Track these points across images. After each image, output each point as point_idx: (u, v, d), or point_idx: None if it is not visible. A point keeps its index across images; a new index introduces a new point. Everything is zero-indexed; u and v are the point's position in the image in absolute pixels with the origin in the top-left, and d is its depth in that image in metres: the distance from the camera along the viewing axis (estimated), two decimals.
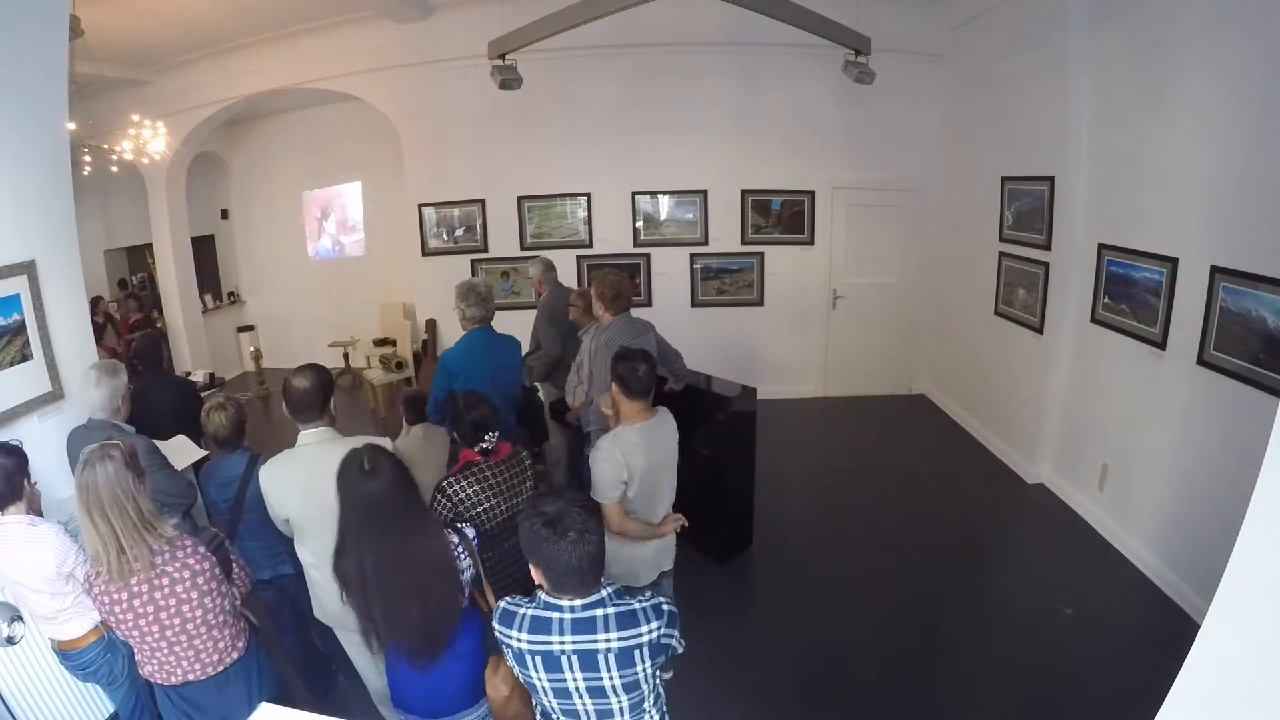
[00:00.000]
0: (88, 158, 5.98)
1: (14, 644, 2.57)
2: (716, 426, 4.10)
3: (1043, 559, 4.20)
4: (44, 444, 2.91)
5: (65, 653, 2.46)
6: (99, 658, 2.46)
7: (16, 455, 2.35)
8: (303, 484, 2.24)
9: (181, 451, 3.30)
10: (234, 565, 2.29)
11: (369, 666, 2.52)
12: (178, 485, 2.88)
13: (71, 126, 3.77)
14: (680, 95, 6.37)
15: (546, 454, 4.66)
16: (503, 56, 5.02)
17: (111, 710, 2.88)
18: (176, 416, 3.53)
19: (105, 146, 6.16)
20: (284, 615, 2.87)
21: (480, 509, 2.53)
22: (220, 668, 2.12)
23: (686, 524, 2.75)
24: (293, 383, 2.31)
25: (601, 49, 6.08)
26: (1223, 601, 1.32)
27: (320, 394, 2.33)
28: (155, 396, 3.61)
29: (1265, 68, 3.11)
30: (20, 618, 2.58)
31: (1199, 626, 1.37)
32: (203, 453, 3.41)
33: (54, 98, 3.10)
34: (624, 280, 3.77)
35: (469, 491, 2.52)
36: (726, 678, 3.26)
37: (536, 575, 1.63)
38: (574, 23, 4.55)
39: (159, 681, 2.11)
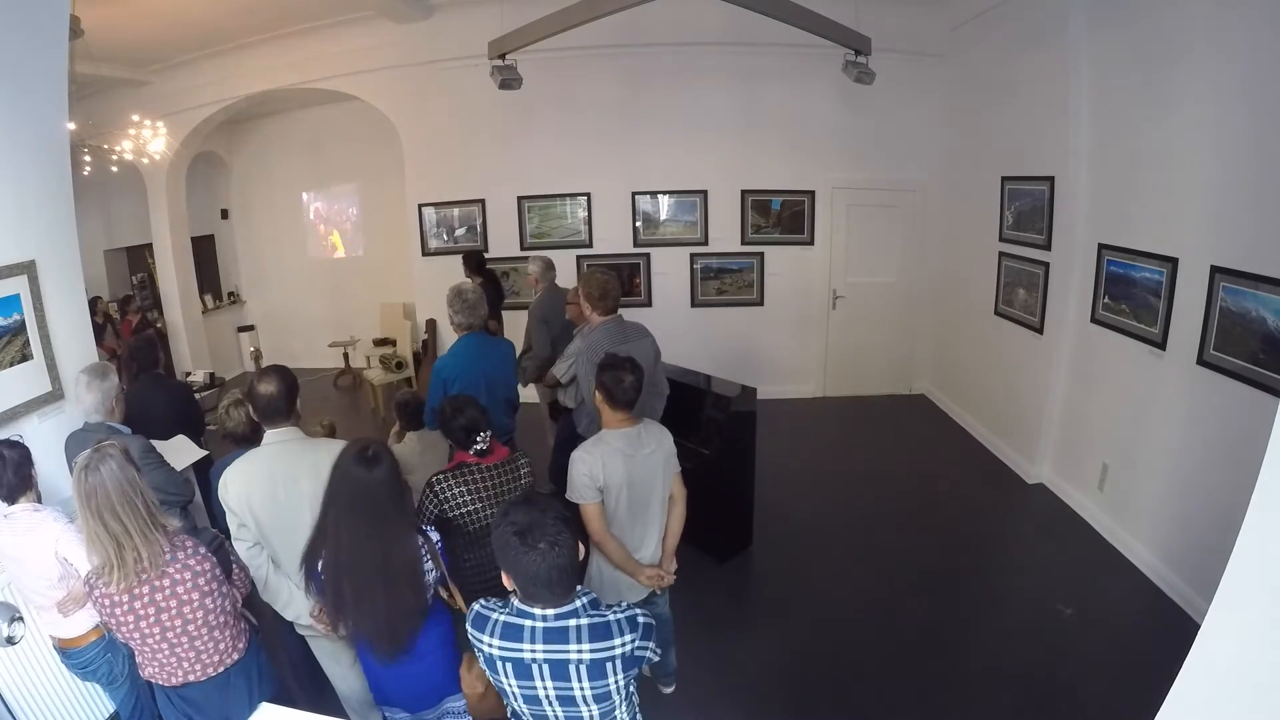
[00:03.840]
0: (88, 158, 5.98)
1: (14, 644, 2.57)
2: (716, 426, 4.10)
3: (1043, 559, 4.20)
4: (44, 444, 2.91)
5: (66, 651, 2.47)
6: (99, 657, 2.47)
7: (19, 448, 2.38)
8: (265, 480, 2.24)
9: (181, 451, 3.30)
10: (234, 566, 2.29)
11: (339, 673, 2.53)
12: (175, 482, 2.89)
13: (71, 126, 3.76)
14: (680, 95, 6.37)
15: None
16: (503, 56, 5.02)
17: (111, 710, 2.89)
18: (172, 418, 3.53)
19: (105, 146, 6.16)
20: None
21: (464, 510, 2.54)
22: (221, 668, 2.12)
23: (670, 582, 2.68)
24: (259, 388, 2.29)
25: (601, 49, 6.08)
26: (1223, 601, 1.32)
27: (286, 398, 2.31)
28: (150, 399, 3.60)
29: (1265, 68, 3.11)
30: (20, 618, 2.58)
31: (1199, 626, 1.37)
32: (203, 453, 3.42)
33: (54, 98, 3.10)
34: (611, 280, 3.60)
35: (456, 491, 2.54)
36: (726, 677, 3.26)
37: (508, 582, 1.61)
38: (574, 23, 4.55)
39: (160, 683, 2.11)
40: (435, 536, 2.18)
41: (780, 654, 3.42)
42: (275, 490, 2.23)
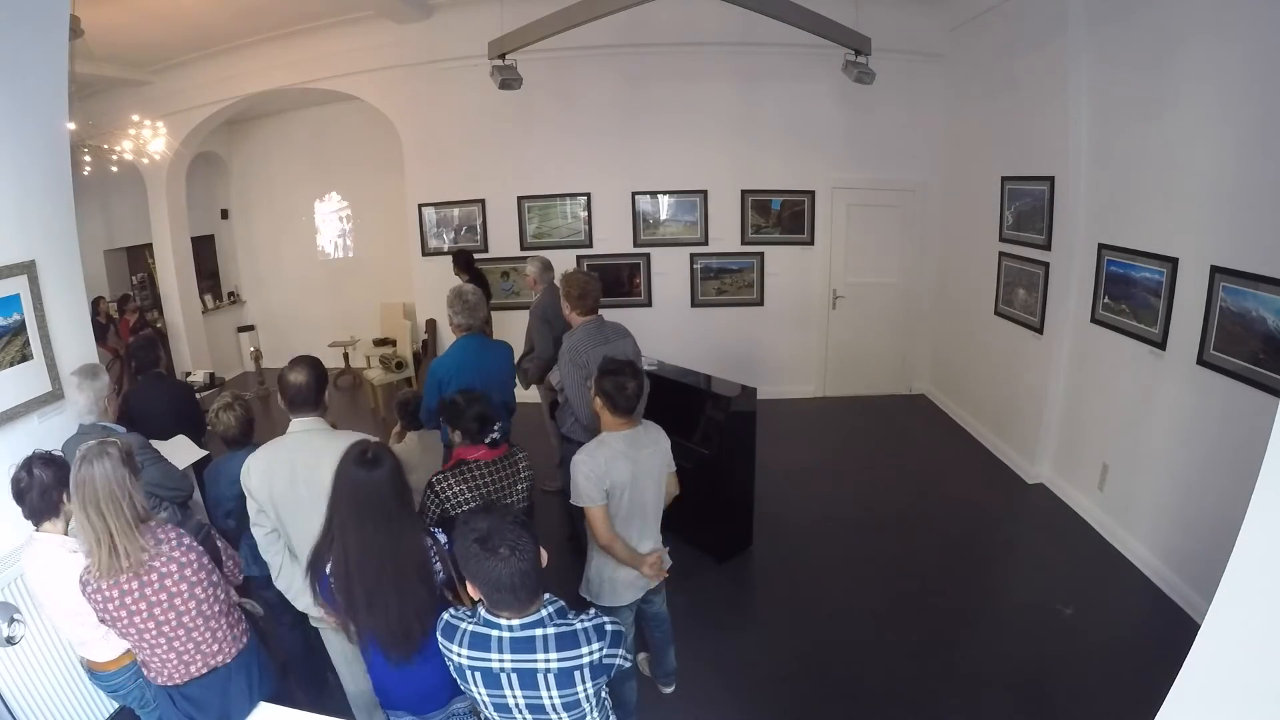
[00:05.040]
0: (88, 158, 5.97)
1: (14, 644, 2.57)
2: (716, 426, 4.10)
3: (1043, 559, 4.20)
4: (44, 445, 2.87)
5: (95, 673, 2.40)
6: (129, 681, 2.40)
7: (56, 467, 2.21)
8: (287, 466, 2.25)
9: (182, 451, 3.31)
10: (224, 557, 2.27)
11: (348, 671, 2.52)
12: (173, 477, 2.89)
13: (71, 126, 3.76)
14: (680, 95, 6.37)
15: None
16: (503, 56, 5.02)
17: (112, 710, 2.89)
18: (172, 417, 3.53)
19: (105, 146, 6.15)
20: (287, 614, 2.86)
21: (466, 509, 2.53)
22: (223, 660, 2.12)
23: (668, 574, 2.72)
24: (289, 377, 2.33)
25: (601, 49, 6.08)
26: (1223, 601, 1.32)
27: (315, 388, 2.36)
28: (151, 398, 3.61)
29: (1265, 68, 3.11)
30: (20, 618, 2.58)
31: (1199, 626, 1.37)
32: (203, 452, 3.42)
33: (54, 98, 3.10)
34: (591, 280, 3.62)
35: (456, 489, 2.54)
36: (726, 677, 3.26)
37: (474, 591, 1.60)
38: (574, 23, 4.55)
39: (164, 683, 2.10)
40: (443, 539, 2.18)
41: (780, 654, 3.42)
42: (295, 479, 2.24)
